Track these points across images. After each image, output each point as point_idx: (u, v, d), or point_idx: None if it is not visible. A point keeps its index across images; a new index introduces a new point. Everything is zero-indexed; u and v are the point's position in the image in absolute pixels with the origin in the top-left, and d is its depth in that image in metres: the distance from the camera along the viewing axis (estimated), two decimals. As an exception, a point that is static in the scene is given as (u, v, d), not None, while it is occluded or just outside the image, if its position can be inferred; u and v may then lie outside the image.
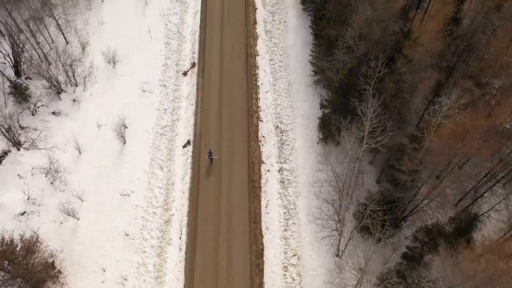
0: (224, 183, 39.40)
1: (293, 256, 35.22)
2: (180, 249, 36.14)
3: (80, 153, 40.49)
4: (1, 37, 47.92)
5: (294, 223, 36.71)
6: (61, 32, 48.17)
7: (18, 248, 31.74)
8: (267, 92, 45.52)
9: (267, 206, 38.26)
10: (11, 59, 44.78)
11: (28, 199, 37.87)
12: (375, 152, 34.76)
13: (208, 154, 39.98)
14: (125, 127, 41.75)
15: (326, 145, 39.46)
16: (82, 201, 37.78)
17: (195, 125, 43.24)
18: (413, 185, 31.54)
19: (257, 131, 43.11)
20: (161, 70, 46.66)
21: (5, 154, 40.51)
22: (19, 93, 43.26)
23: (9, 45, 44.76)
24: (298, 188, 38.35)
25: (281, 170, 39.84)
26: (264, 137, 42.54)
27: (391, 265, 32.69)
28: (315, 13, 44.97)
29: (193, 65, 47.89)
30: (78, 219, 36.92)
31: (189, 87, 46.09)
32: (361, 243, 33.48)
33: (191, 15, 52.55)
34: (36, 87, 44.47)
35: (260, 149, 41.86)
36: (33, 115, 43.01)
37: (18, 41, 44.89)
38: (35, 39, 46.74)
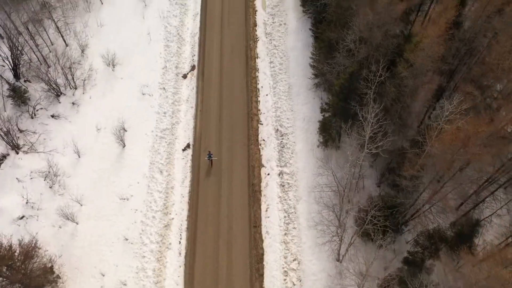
0: (224, 187, 39.19)
1: (294, 260, 35.02)
2: (179, 254, 35.94)
3: (79, 157, 40.28)
4: (0, 39, 47.68)
5: (294, 228, 36.50)
6: (60, 34, 47.95)
7: (16, 253, 31.53)
8: (267, 95, 45.30)
9: (267, 210, 38.05)
10: (10, 61, 44.57)
11: (26, 203, 37.67)
12: (376, 155, 34.56)
13: (207, 155, 39.78)
14: (125, 130, 41.53)
15: (326, 148, 39.25)
16: (81, 205, 37.58)
17: (195, 128, 43.02)
18: (414, 189, 31.36)
19: (257, 134, 42.89)
20: (161, 72, 46.44)
21: (3, 157, 40.31)
22: (18, 96, 43.04)
23: (8, 48, 44.53)
24: (298, 192, 38.13)
25: (281, 173, 39.63)
26: (264, 140, 42.32)
27: (392, 270, 32.54)
28: (315, 16, 44.74)
29: (193, 67, 47.68)
30: (77, 223, 36.72)
31: (188, 90, 45.87)
32: (362, 248, 33.30)
33: (190, 17, 52.32)
34: (35, 90, 44.24)
35: (260, 152, 41.64)
36: (32, 118, 42.80)
37: (17, 43, 44.67)
38: (34, 41, 46.53)
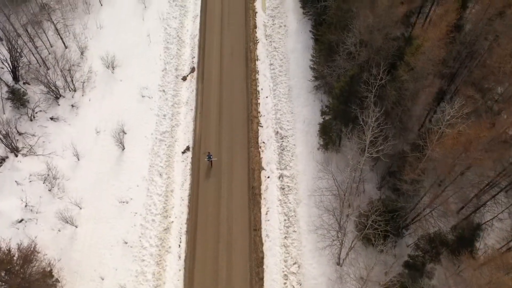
0: (224, 190, 39.04)
1: (294, 264, 34.86)
2: (179, 257, 35.77)
3: (78, 160, 40.11)
4: (-1, 41, 47.61)
5: (294, 231, 36.34)
6: (59, 36, 47.78)
7: (15, 257, 31.35)
8: (267, 97, 45.14)
9: (267, 213, 37.89)
10: (9, 64, 44.38)
11: (25, 207, 37.48)
12: (376, 159, 34.42)
13: (207, 156, 39.64)
14: (124, 133, 41.36)
15: (326, 151, 39.09)
16: (80, 208, 37.41)
17: (195, 130, 42.86)
18: (415, 193, 31.22)
19: (257, 136, 42.73)
20: (160, 75, 46.27)
21: (2, 160, 40.11)
22: (17, 98, 42.85)
23: (7, 50, 44.32)
24: (298, 195, 37.98)
25: (281, 176, 39.46)
26: (264, 143, 42.16)
27: (393, 273, 32.38)
28: (315, 18, 44.62)
29: (193, 69, 47.52)
30: (76, 227, 36.55)
31: (188, 92, 45.71)
32: (363, 252, 33.16)
33: (190, 19, 52.16)
34: (34, 92, 44.05)
35: (260, 155, 41.48)
36: (31, 120, 42.61)
37: (16, 45, 44.46)
38: (33, 43, 46.35)
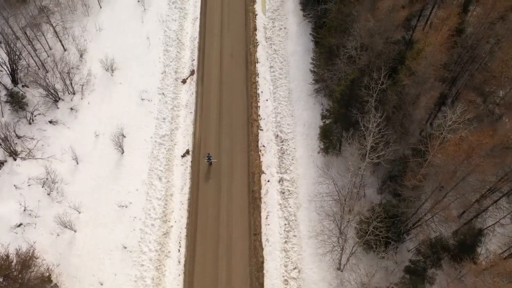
0: (223, 194, 38.82)
1: (294, 269, 34.64)
2: (179, 262, 35.55)
3: (77, 163, 39.87)
4: (-2, 44, 47.30)
5: (294, 235, 36.13)
6: (58, 39, 47.52)
7: (13, 262, 31.11)
8: (267, 100, 44.93)
9: (267, 217, 37.67)
10: (7, 67, 44.11)
11: (24, 211, 37.23)
12: (377, 163, 34.20)
13: (207, 158, 39.43)
14: (123, 137, 41.13)
15: (327, 155, 38.88)
16: (79, 212, 37.17)
17: (194, 134, 42.63)
18: (416, 198, 30.99)
19: (257, 140, 42.52)
20: (160, 77, 46.04)
21: (1, 164, 39.83)
22: (16, 101, 42.57)
23: (6, 53, 44.03)
24: (298, 199, 37.77)
25: (281, 180, 39.25)
26: (264, 146, 41.95)
27: (394, 279, 32.19)
28: (315, 21, 44.44)
29: (192, 72, 47.28)
30: (75, 231, 36.32)
31: (188, 95, 45.48)
32: (364, 257, 32.92)
33: (190, 21, 51.92)
34: (33, 95, 43.77)
35: (260, 158, 41.27)
36: (30, 124, 42.36)
37: (15, 48, 44.21)
38: (32, 46, 46.13)
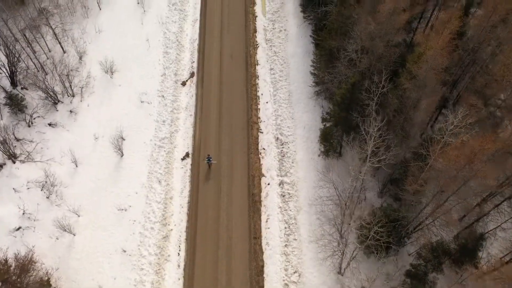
0: (223, 197, 38.64)
1: (294, 273, 34.47)
2: (178, 266, 35.37)
3: (76, 166, 39.71)
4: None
5: (295, 239, 35.95)
6: (58, 41, 47.35)
7: (12, 267, 30.98)
8: (267, 102, 44.75)
9: (267, 221, 37.50)
10: (6, 69, 43.91)
11: (23, 214, 37.06)
12: (378, 167, 34.05)
13: (206, 159, 39.27)
14: (123, 139, 40.96)
15: (327, 158, 38.71)
16: (78, 216, 37.00)
17: (194, 136, 42.44)
18: (417, 202, 30.83)
19: (257, 143, 42.33)
20: (160, 80, 45.85)
21: (0, 167, 39.68)
22: (15, 104, 42.38)
23: (5, 55, 43.82)
24: (299, 202, 37.60)
25: (281, 183, 39.07)
26: (264, 149, 41.77)
27: (395, 283, 32.03)
28: (316, 23, 44.25)
29: (192, 74, 47.10)
30: (74, 235, 36.15)
31: (188, 97, 45.29)
32: (364, 261, 32.75)
33: (190, 23, 51.73)
34: (32, 98, 43.58)
35: (260, 161, 41.08)
36: (29, 126, 42.19)
37: (14, 50, 44.01)
38: (32, 48, 45.92)
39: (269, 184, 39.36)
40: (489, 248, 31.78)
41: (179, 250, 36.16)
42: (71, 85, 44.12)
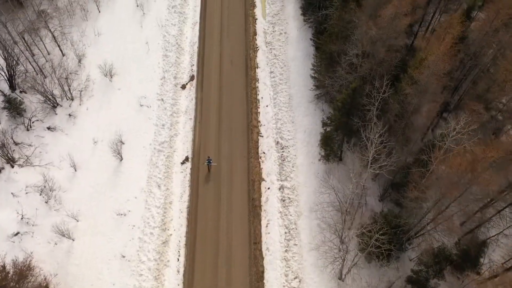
0: (223, 201, 38.39)
1: (294, 279, 34.22)
2: (178, 272, 35.10)
3: (75, 171, 39.45)
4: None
5: (295, 244, 35.70)
6: (57, 44, 47.10)
7: (10, 273, 30.73)
8: (267, 106, 44.51)
9: (267, 225, 37.24)
10: (5, 72, 43.64)
11: (22, 219, 36.81)
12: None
13: (206, 161, 39.02)
14: (122, 143, 40.71)
15: (328, 162, 38.47)
16: (77, 221, 36.74)
17: (194, 140, 42.18)
18: (418, 208, 30.58)
19: (257, 147, 42.08)
20: (159, 83, 45.60)
21: (-2, 171, 39.49)
22: (13, 107, 42.11)
23: (3, 58, 43.60)
24: (299, 207, 37.35)
25: (282, 188, 38.82)
26: (264, 153, 41.52)
27: (396, 289, 31.82)
28: (316, 26, 44.06)
29: (192, 78, 46.84)
30: (73, 240, 35.88)
31: (187, 101, 45.04)
32: (365, 267, 32.50)
33: (189, 26, 51.49)
34: (30, 101, 43.32)
35: (260, 165, 40.82)
36: (27, 130, 41.92)
37: (12, 53, 43.78)
38: (30, 51, 45.69)
39: (269, 188, 39.11)
40: (491, 254, 31.55)
41: (179, 255, 35.90)
42: (70, 89, 43.87)
